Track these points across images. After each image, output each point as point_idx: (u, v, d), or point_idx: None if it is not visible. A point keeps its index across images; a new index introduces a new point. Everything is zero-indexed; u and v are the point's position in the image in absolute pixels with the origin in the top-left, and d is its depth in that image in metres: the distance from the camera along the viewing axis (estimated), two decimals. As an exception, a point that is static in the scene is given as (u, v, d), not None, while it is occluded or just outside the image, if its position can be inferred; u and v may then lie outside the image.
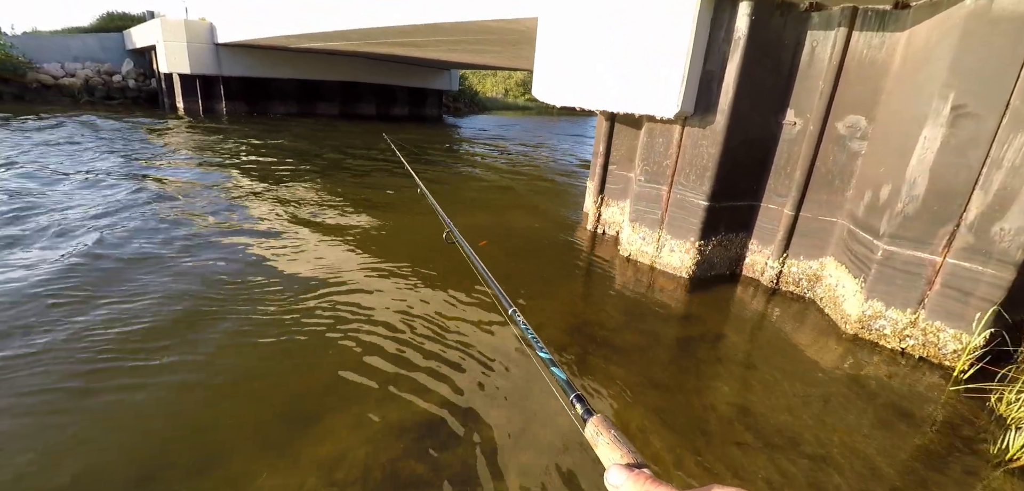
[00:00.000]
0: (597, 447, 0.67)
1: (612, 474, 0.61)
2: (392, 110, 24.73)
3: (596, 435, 0.68)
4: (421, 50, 14.60)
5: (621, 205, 5.86)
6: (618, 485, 0.59)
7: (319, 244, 5.21)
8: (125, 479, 2.17)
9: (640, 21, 4.21)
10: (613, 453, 0.64)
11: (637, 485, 0.57)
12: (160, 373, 2.93)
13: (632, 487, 0.57)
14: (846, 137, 4.07)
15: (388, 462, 2.35)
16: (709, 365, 3.40)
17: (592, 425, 0.70)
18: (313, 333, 3.46)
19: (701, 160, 4.38)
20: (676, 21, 3.97)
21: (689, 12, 3.89)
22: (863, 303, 3.75)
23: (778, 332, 3.95)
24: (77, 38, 21.89)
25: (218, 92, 19.07)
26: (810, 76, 4.09)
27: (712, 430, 2.72)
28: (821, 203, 4.34)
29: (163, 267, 4.36)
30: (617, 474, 0.60)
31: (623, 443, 0.64)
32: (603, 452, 0.65)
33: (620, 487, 0.59)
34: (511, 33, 8.87)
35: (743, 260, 4.92)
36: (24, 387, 2.71)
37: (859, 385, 3.25)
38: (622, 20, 4.35)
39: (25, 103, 18.54)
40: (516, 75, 43.19)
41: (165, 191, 7.00)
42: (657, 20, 4.09)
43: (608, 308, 4.16)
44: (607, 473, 0.61)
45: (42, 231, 5.07)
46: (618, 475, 0.60)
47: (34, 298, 3.66)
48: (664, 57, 4.10)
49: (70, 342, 3.15)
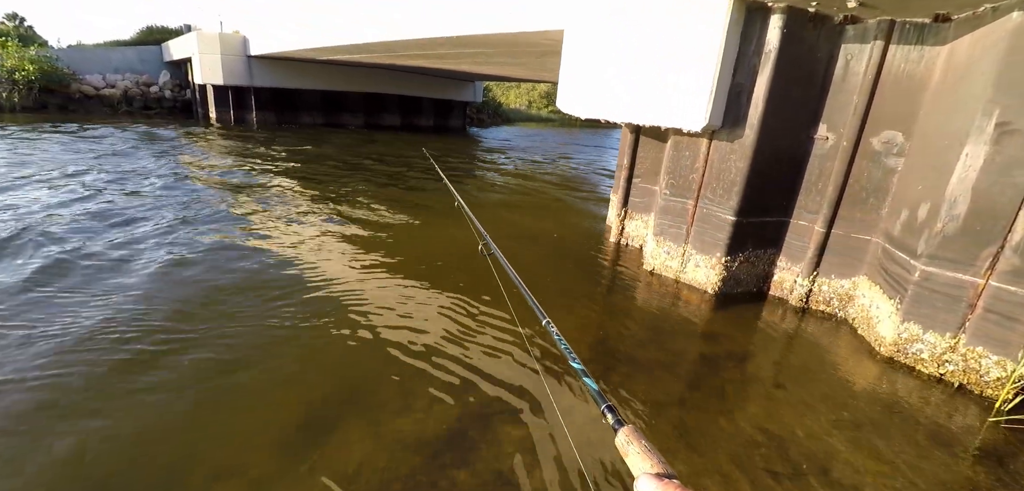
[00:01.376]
0: (627, 456, 0.68)
1: (642, 483, 0.61)
2: (417, 121, 25.08)
3: (627, 444, 0.68)
4: (445, 62, 14.80)
5: (645, 218, 5.79)
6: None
7: (345, 252, 5.29)
8: (145, 484, 2.22)
9: (668, 33, 4.18)
10: (644, 463, 0.64)
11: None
12: (181, 376, 3.00)
13: None
14: (882, 153, 3.95)
15: (406, 475, 2.34)
16: (735, 385, 3.31)
17: (623, 435, 0.70)
18: (333, 341, 3.50)
19: (729, 174, 4.30)
20: (705, 33, 3.93)
21: (719, 24, 3.84)
22: (899, 325, 3.60)
23: (808, 353, 3.83)
24: (117, 51, 22.91)
25: (249, 102, 19.67)
26: (844, 90, 3.99)
27: (738, 453, 2.64)
28: (854, 221, 4.20)
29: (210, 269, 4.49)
30: (647, 483, 0.60)
31: (653, 453, 0.65)
32: (633, 462, 0.66)
33: None
34: (536, 46, 8.92)
35: (771, 277, 4.79)
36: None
37: (894, 411, 3.11)
38: (650, 32, 4.33)
39: (69, 113, 19.51)
40: (540, 87, 43.37)
41: (219, 195, 7.23)
42: (686, 32, 4.06)
43: (631, 323, 4.10)
44: (637, 482, 0.62)
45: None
46: (649, 484, 0.60)
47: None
48: (692, 70, 4.06)
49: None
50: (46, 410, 2.61)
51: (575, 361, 0.97)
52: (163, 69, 23.45)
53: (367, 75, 21.81)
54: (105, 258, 4.66)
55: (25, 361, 2.99)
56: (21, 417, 2.55)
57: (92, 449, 2.37)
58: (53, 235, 5.16)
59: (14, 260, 4.49)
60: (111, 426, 2.53)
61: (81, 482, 2.19)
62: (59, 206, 6.27)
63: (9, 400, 2.66)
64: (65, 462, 2.28)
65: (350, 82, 21.58)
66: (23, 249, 4.75)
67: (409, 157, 13.54)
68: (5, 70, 18.96)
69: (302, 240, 5.58)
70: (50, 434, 2.45)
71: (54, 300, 3.78)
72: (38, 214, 5.86)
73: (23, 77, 19.05)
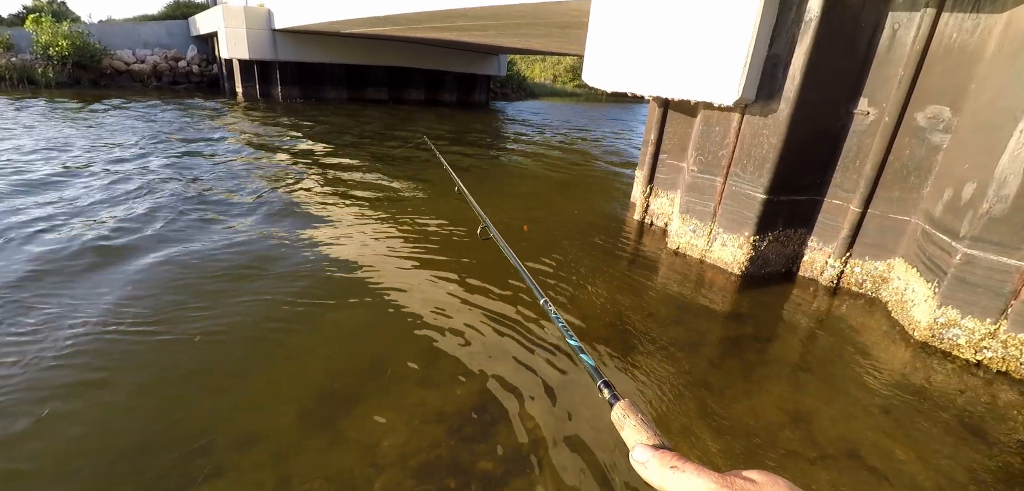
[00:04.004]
0: (623, 429, 0.69)
1: (638, 452, 0.62)
2: (440, 95, 24.96)
3: (623, 418, 0.69)
4: (469, 34, 14.61)
5: (671, 196, 5.67)
6: (644, 462, 0.60)
7: (367, 229, 5.35)
8: (176, 447, 2.31)
9: (701, 2, 4.01)
10: (639, 435, 0.65)
11: (663, 461, 0.58)
12: (204, 346, 3.09)
13: (657, 464, 0.58)
14: (926, 129, 3.75)
15: (426, 447, 2.38)
16: (761, 367, 3.25)
17: (619, 409, 0.71)
18: (357, 314, 3.56)
19: (760, 151, 4.15)
20: (741, 2, 3.75)
21: (755, -8, 3.67)
22: (935, 309, 3.47)
23: (837, 336, 3.72)
24: (146, 26, 23.29)
25: (274, 77, 19.82)
26: (889, 62, 3.78)
27: (762, 435, 2.60)
28: (892, 200, 4.02)
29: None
30: (643, 452, 0.61)
31: (649, 426, 0.66)
32: (629, 434, 0.67)
33: (646, 464, 0.59)
34: (562, 16, 8.71)
35: (801, 258, 4.66)
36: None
37: (927, 397, 3.01)
38: (681, 1, 4.16)
39: (101, 88, 20.01)
40: (565, 60, 42.57)
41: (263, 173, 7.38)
42: (719, 1, 3.89)
43: (654, 301, 4.05)
44: (633, 452, 0.63)
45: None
46: (644, 453, 0.61)
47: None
48: (726, 40, 3.89)
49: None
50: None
51: (572, 338, 0.99)
52: (190, 43, 23.78)
53: (391, 49, 21.70)
54: (111, 241, 4.83)
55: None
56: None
57: (118, 415, 2.49)
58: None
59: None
60: (139, 392, 2.65)
61: (110, 447, 2.30)
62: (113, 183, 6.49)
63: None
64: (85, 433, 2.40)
65: (374, 56, 21.51)
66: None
67: (435, 133, 13.52)
68: (40, 46, 19.47)
69: (328, 217, 5.65)
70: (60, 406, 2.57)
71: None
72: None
73: (57, 53, 19.52)
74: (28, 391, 2.56)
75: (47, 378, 2.67)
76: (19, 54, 19.48)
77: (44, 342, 2.96)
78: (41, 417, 2.39)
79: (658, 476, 0.57)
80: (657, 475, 0.57)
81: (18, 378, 2.64)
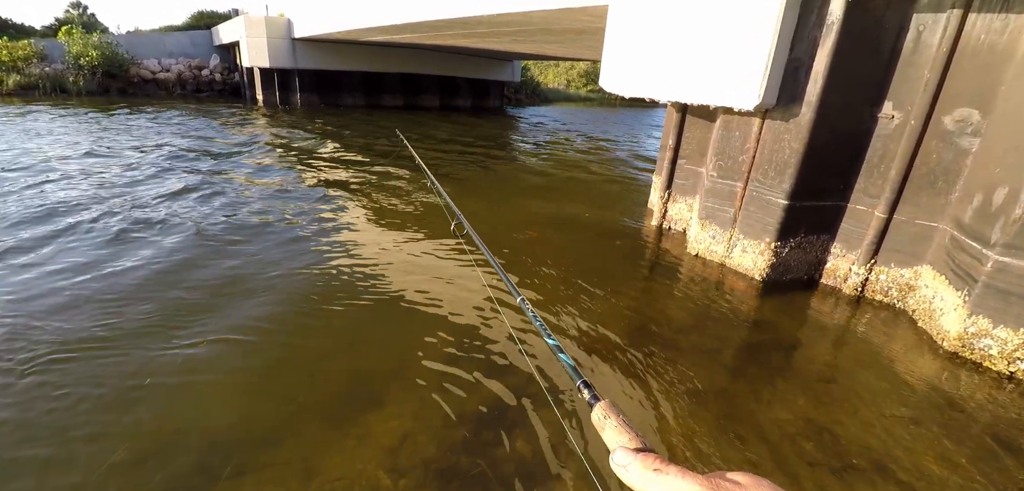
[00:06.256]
0: (603, 431, 0.67)
1: (619, 454, 0.60)
2: (454, 101, 25.16)
3: (603, 419, 0.68)
4: (483, 41, 14.72)
5: (689, 201, 5.61)
6: (625, 465, 0.58)
7: (390, 231, 5.40)
8: (197, 447, 2.36)
9: (720, 6, 3.98)
10: (620, 437, 0.64)
11: (644, 464, 0.56)
12: (232, 346, 3.15)
13: (640, 466, 0.56)
14: (954, 133, 3.65)
15: (448, 450, 2.39)
16: (782, 375, 3.19)
17: (599, 409, 0.69)
18: (380, 317, 3.59)
19: (782, 156, 4.09)
20: (761, 5, 3.71)
21: (775, -5, 3.63)
22: (965, 319, 3.37)
23: (862, 345, 3.64)
24: (171, 36, 23.98)
25: (293, 84, 20.24)
26: (914, 64, 3.70)
27: (784, 446, 2.55)
28: (919, 206, 3.93)
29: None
30: (624, 455, 0.59)
31: (630, 428, 0.65)
32: (610, 436, 0.65)
33: (627, 467, 0.58)
34: (577, 22, 8.72)
35: (823, 265, 4.56)
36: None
37: (957, 409, 2.92)
38: (700, 5, 4.14)
39: (128, 95, 20.68)
40: (579, 65, 42.54)
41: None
42: (740, 4, 3.85)
43: (673, 307, 4.01)
44: (613, 454, 0.61)
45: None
46: (625, 456, 0.59)
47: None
48: (746, 44, 3.85)
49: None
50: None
51: (549, 337, 0.99)
52: (213, 53, 24.38)
53: (405, 56, 21.98)
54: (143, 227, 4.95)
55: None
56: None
57: (155, 407, 2.55)
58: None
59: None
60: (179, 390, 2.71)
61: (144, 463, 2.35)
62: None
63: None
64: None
65: (389, 63, 21.83)
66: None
67: (457, 140, 13.61)
68: (72, 56, 20.22)
69: (348, 218, 5.73)
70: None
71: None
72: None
73: (87, 62, 20.24)
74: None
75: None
76: (52, 64, 20.24)
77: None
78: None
79: (641, 479, 0.56)
80: (640, 478, 0.56)
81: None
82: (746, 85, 3.91)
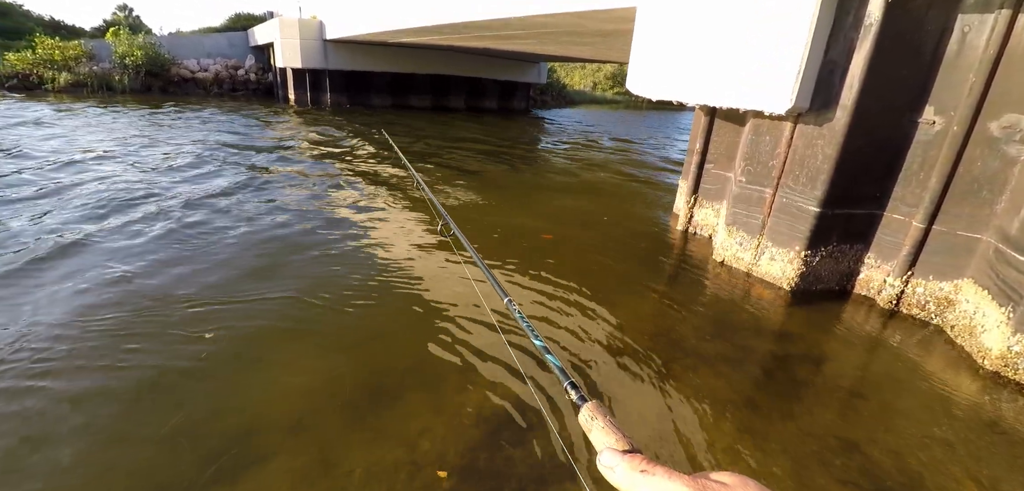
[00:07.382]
0: (591, 432, 0.67)
1: (606, 456, 0.60)
2: (481, 103, 25.32)
3: (590, 420, 0.67)
4: (511, 43, 14.76)
5: (716, 207, 5.50)
6: (612, 466, 0.58)
7: (411, 231, 5.46)
8: (222, 432, 2.42)
9: (752, 7, 3.89)
10: (607, 438, 0.63)
11: (631, 466, 0.56)
12: (258, 334, 3.23)
13: (627, 468, 0.56)
14: (1001, 140, 3.47)
15: (465, 449, 2.39)
16: (810, 388, 3.09)
17: (586, 411, 0.69)
18: (399, 313, 3.64)
19: (814, 162, 3.97)
20: (795, 5, 3.61)
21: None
22: (1010, 336, 3.19)
23: (895, 360, 3.49)
24: (210, 37, 24.96)
25: (324, 84, 20.74)
26: (958, 68, 3.53)
27: (811, 460, 2.46)
28: (961, 216, 3.74)
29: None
30: (611, 456, 0.59)
31: (617, 430, 0.64)
32: (597, 437, 0.65)
33: (615, 468, 0.57)
34: (606, 24, 8.66)
35: (856, 275, 4.40)
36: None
37: (998, 431, 2.77)
38: (731, 6, 4.05)
39: (169, 94, 21.62)
40: (606, 67, 42.24)
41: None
42: (772, 5, 3.75)
43: (697, 315, 3.93)
44: (601, 456, 0.61)
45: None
46: (611, 457, 0.59)
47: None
48: (778, 47, 3.75)
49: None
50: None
51: (537, 339, 0.99)
52: (248, 53, 25.20)
53: (433, 58, 22.24)
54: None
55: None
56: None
57: (181, 398, 2.63)
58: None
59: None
60: (199, 377, 2.80)
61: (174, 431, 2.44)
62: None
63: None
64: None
65: (417, 64, 22.13)
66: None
67: (477, 139, 13.69)
68: (118, 56, 21.26)
69: (371, 218, 5.82)
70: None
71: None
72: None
73: (132, 62, 21.26)
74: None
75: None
76: (99, 63, 21.29)
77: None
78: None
79: (628, 481, 0.55)
80: (627, 480, 0.55)
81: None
82: (778, 88, 3.80)
